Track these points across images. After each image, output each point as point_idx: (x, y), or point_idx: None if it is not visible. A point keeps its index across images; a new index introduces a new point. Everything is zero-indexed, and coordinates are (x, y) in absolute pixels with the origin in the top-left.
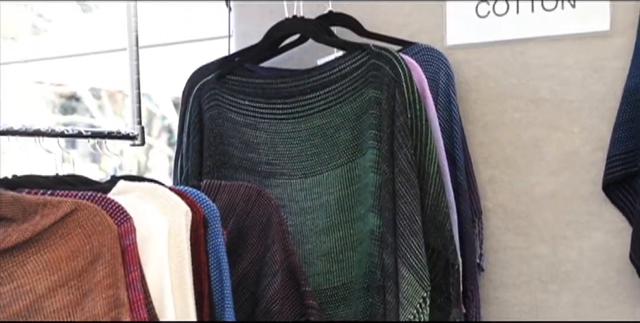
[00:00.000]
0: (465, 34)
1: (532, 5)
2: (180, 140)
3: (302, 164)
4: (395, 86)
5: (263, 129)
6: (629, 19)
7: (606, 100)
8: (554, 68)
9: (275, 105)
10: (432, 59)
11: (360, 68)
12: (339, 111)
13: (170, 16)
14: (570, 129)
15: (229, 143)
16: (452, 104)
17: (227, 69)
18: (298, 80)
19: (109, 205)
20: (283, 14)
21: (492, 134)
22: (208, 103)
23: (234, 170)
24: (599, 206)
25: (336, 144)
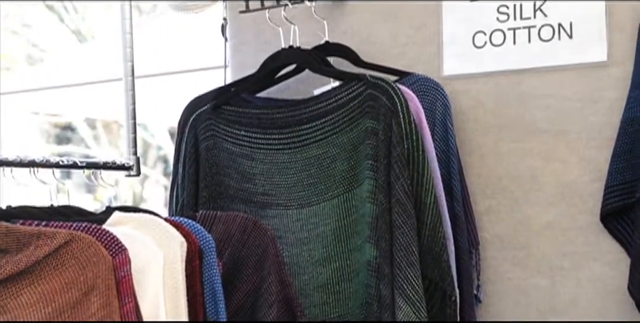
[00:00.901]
0: (462, 64)
1: (529, 35)
2: (176, 170)
3: (298, 195)
4: (391, 116)
5: (259, 160)
6: (626, 50)
7: (603, 130)
8: (551, 99)
9: (271, 135)
10: (428, 89)
11: (357, 98)
12: (336, 141)
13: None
14: (568, 159)
15: (225, 174)
16: (449, 134)
17: (223, 100)
18: (294, 110)
19: (104, 236)
20: (279, 44)
21: (489, 165)
22: (204, 133)
23: (230, 201)
24: (596, 237)
25: (332, 174)
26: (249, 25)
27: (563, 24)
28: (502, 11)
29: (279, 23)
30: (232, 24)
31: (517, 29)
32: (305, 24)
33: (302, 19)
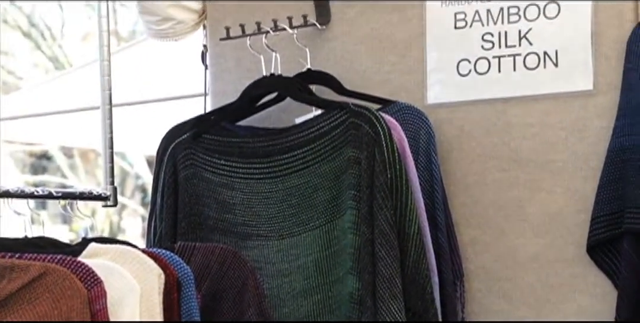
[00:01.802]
0: (446, 92)
1: (514, 63)
2: (154, 200)
3: (279, 225)
4: (374, 145)
5: (239, 189)
6: (612, 78)
7: (590, 160)
8: (536, 128)
9: (252, 165)
10: (412, 117)
11: (339, 127)
12: (318, 170)
13: (145, 74)
14: (554, 189)
15: (204, 204)
16: (433, 163)
17: (203, 128)
18: (275, 139)
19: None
20: (260, 72)
21: (473, 195)
22: (183, 163)
23: (209, 231)
24: (583, 269)
25: (314, 204)
26: (230, 53)
27: (548, 52)
28: (486, 39)
29: (260, 50)
30: (213, 51)
31: (502, 57)
32: (287, 52)
33: (283, 46)
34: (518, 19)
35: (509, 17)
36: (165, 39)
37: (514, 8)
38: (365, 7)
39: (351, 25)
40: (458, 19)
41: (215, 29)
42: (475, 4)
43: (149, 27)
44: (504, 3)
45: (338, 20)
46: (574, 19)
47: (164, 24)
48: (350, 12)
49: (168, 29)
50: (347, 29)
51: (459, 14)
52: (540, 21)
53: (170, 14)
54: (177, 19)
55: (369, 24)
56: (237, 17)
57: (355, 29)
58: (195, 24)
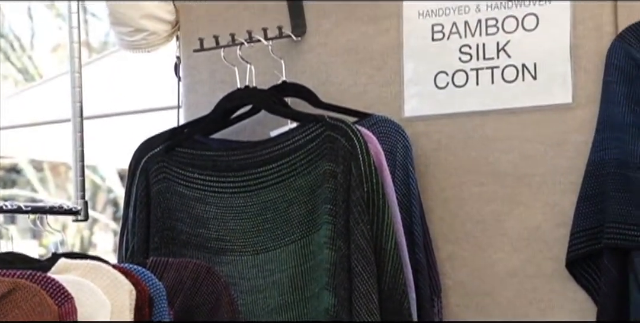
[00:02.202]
0: (423, 105)
1: (492, 76)
2: (126, 215)
3: (253, 240)
4: (351, 159)
5: (213, 204)
6: (592, 91)
7: (569, 174)
8: (515, 141)
9: (226, 178)
10: (389, 131)
11: (315, 140)
12: (293, 184)
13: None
14: (533, 204)
15: (177, 218)
16: (410, 177)
17: (176, 141)
18: (250, 152)
19: (49, 284)
20: (235, 84)
21: (451, 209)
22: (156, 176)
23: (182, 246)
24: (562, 285)
25: (289, 219)
26: (204, 65)
27: (527, 64)
28: (464, 51)
29: (234, 62)
30: (186, 63)
31: (480, 70)
32: (262, 63)
33: (258, 58)
34: (496, 31)
35: (487, 29)
36: (137, 50)
37: (492, 20)
38: (341, 19)
39: (327, 37)
40: (435, 30)
41: (189, 41)
42: (453, 16)
43: (121, 39)
44: (482, 15)
45: (314, 31)
46: (552, 32)
47: (136, 35)
48: (326, 24)
49: (140, 40)
50: (323, 41)
51: (436, 26)
52: (519, 33)
53: (143, 25)
54: (150, 30)
55: (345, 36)
56: (210, 28)
57: (331, 41)
58: (168, 35)
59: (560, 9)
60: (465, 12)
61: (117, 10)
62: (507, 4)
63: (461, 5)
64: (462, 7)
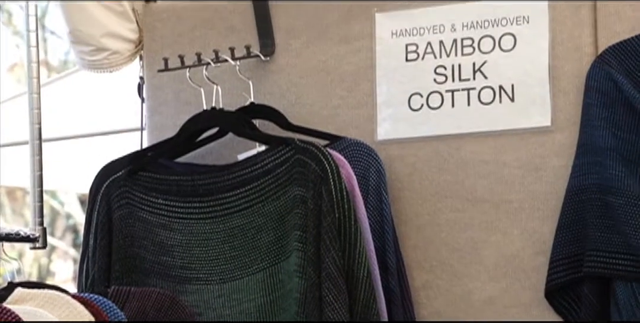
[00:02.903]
0: (397, 128)
1: (469, 98)
2: (87, 242)
3: (220, 268)
4: (322, 184)
5: (178, 230)
6: (571, 114)
7: (548, 200)
8: (492, 165)
9: (191, 204)
10: (361, 154)
11: (284, 164)
12: (261, 210)
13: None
14: (510, 231)
15: (140, 246)
16: (384, 203)
17: (139, 165)
18: (217, 177)
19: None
20: (201, 105)
21: (426, 236)
22: (118, 202)
23: (145, 275)
24: (541, 315)
25: (257, 246)
26: (168, 85)
27: (504, 86)
28: (439, 72)
29: (200, 83)
30: (150, 84)
31: (456, 91)
32: (229, 84)
33: (225, 78)
34: (472, 51)
35: (463, 49)
36: (99, 70)
37: (467, 40)
38: (312, 38)
39: (297, 57)
40: (409, 50)
41: (153, 60)
42: (428, 35)
43: (82, 58)
44: (458, 34)
45: (283, 51)
46: (530, 52)
47: (98, 55)
48: (295, 43)
49: (102, 59)
50: (293, 61)
51: (410, 46)
52: (496, 54)
53: (104, 44)
54: (112, 49)
55: (315, 56)
56: (175, 47)
57: (301, 61)
58: (131, 54)
59: (539, 29)
60: (440, 32)
61: (78, 28)
62: (484, 24)
63: (436, 25)
64: (437, 27)
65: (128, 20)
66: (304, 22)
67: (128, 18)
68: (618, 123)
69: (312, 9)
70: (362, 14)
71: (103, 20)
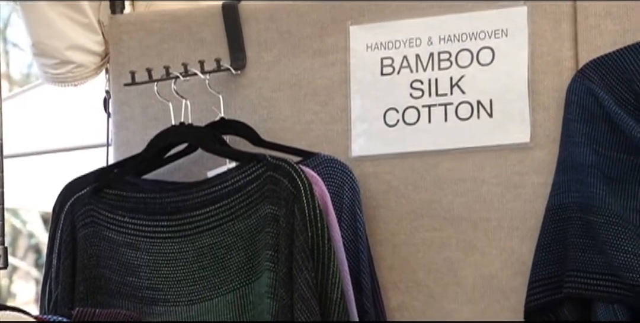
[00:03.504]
0: (372, 144)
1: (446, 113)
2: (50, 262)
3: (188, 289)
4: (294, 202)
5: (145, 250)
6: (551, 131)
7: (527, 219)
8: (469, 183)
9: (159, 222)
10: (335, 171)
11: (256, 181)
12: (231, 229)
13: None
14: (488, 250)
15: (106, 266)
16: (358, 222)
17: (105, 182)
18: (185, 194)
19: None
20: (169, 120)
21: (402, 256)
22: (82, 220)
23: (111, 296)
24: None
25: (227, 266)
26: (135, 100)
27: (482, 101)
28: (415, 86)
29: (168, 97)
30: (116, 98)
31: (433, 106)
32: (198, 99)
33: (194, 92)
34: (449, 65)
35: (440, 63)
36: (63, 84)
37: (445, 53)
38: (284, 51)
39: (269, 71)
40: (385, 64)
41: (119, 74)
42: (404, 49)
43: (45, 71)
44: (435, 48)
45: (254, 65)
46: (509, 66)
47: (62, 68)
48: (267, 56)
49: (66, 73)
50: (265, 75)
51: (385, 60)
52: (473, 68)
53: (69, 56)
54: (77, 62)
55: (288, 69)
56: (143, 60)
57: (273, 75)
58: (97, 67)
59: (518, 43)
60: (417, 45)
61: (41, 40)
62: (461, 37)
63: (412, 38)
64: (414, 40)
65: (93, 32)
66: (276, 34)
67: (93, 30)
68: (599, 139)
69: (284, 21)
70: (336, 27)
71: (67, 32)
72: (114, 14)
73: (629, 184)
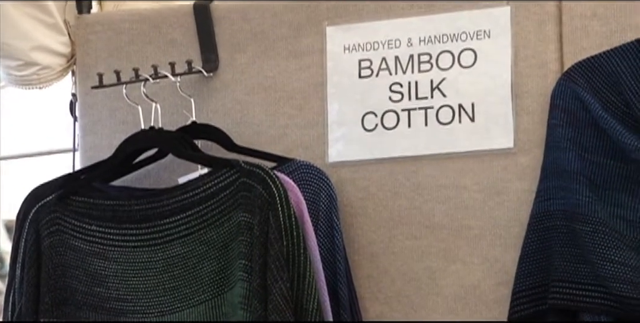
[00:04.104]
0: (349, 149)
1: (426, 117)
2: (13, 272)
3: (158, 300)
4: (269, 209)
5: (113, 259)
6: (535, 135)
7: (510, 227)
8: (451, 190)
9: (127, 231)
10: (311, 178)
11: (229, 188)
12: (203, 237)
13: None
14: (470, 260)
15: (72, 276)
16: (335, 230)
17: (71, 189)
18: (155, 201)
19: None
20: (138, 124)
21: (380, 266)
22: (47, 228)
23: (77, 308)
24: None
25: (199, 276)
26: (103, 103)
27: (464, 105)
28: (395, 90)
29: (137, 100)
30: (83, 101)
31: (413, 110)
32: (169, 102)
33: (165, 96)
34: (430, 67)
35: (420, 65)
36: (27, 86)
37: (425, 55)
38: (258, 53)
39: (242, 73)
40: (363, 67)
41: (86, 76)
42: (383, 51)
43: (8, 73)
44: (415, 50)
45: (227, 67)
46: (492, 69)
47: (26, 70)
48: (241, 58)
49: (31, 75)
50: (238, 77)
51: (363, 62)
52: (455, 70)
53: (34, 58)
54: (42, 64)
55: (262, 72)
56: (111, 62)
57: (247, 77)
58: (63, 69)
59: (501, 44)
60: (396, 47)
61: (4, 41)
62: (442, 38)
63: (391, 39)
64: (393, 41)
65: (59, 33)
66: (250, 35)
67: (59, 30)
68: (585, 144)
69: (258, 22)
70: (313, 28)
71: (32, 33)
72: (81, 14)
73: (615, 191)
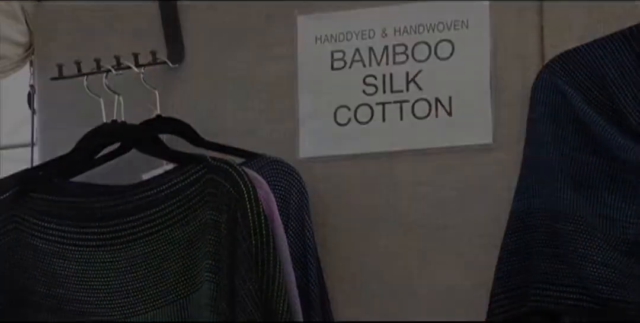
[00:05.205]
0: (322, 145)
1: (401, 112)
2: None
3: (122, 302)
4: (236, 207)
5: (73, 259)
6: (515, 130)
7: (489, 225)
8: (427, 187)
9: (88, 229)
10: (281, 174)
11: (195, 184)
12: (168, 236)
13: None
14: (448, 260)
15: (30, 276)
16: (306, 229)
17: (29, 185)
18: (118, 199)
19: None
20: (100, 118)
21: (354, 266)
22: (4, 226)
23: (36, 310)
24: None
25: (164, 277)
26: (63, 95)
27: (441, 98)
28: (369, 82)
29: (99, 93)
30: (42, 93)
31: (387, 104)
32: (132, 94)
33: (128, 88)
34: (405, 59)
35: (395, 57)
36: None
37: (400, 46)
38: (226, 44)
39: (209, 65)
40: (335, 58)
41: (45, 67)
42: (356, 41)
43: None
44: (389, 40)
45: (194, 57)
46: (470, 61)
47: None
48: (208, 49)
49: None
50: (205, 69)
51: (336, 53)
52: (432, 62)
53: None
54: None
55: (230, 63)
56: (71, 52)
57: (214, 69)
58: (21, 59)
59: (479, 35)
60: (370, 37)
61: None
62: (418, 29)
63: (365, 29)
64: (367, 31)
65: (16, 21)
66: (218, 25)
67: (16, 18)
68: (566, 139)
69: (226, 10)
70: (283, 17)
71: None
72: (40, 1)
73: (599, 190)
